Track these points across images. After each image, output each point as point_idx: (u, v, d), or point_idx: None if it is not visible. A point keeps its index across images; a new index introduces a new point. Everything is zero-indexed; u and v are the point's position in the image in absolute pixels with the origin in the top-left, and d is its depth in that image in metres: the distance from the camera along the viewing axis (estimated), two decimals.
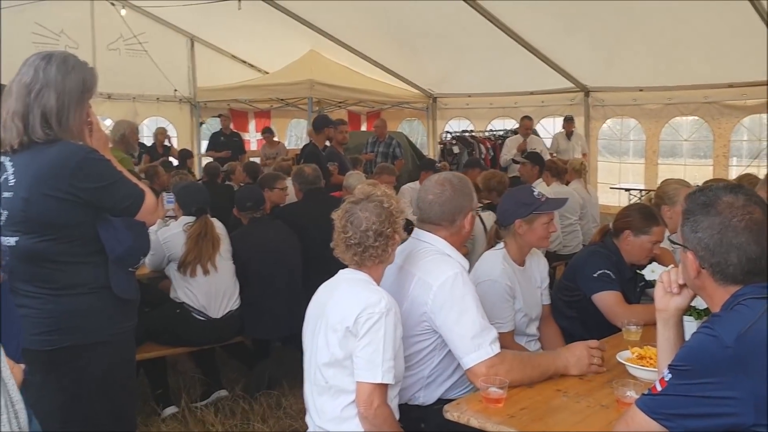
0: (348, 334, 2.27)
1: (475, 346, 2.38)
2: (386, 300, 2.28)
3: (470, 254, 5.39)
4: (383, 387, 2.26)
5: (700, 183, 4.80)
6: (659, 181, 4.95)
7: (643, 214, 3.38)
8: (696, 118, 10.63)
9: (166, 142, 10.53)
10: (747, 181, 4.69)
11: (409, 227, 2.68)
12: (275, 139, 11.58)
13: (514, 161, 9.43)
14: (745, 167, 9.83)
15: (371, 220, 2.33)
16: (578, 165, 7.65)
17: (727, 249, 1.69)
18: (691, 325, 2.48)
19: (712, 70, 9.20)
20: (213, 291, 4.28)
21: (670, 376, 1.66)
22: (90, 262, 2.45)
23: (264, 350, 4.81)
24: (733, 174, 9.49)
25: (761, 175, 5.49)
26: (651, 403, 1.70)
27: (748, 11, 7.44)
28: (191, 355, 4.72)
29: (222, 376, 4.68)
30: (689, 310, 2.68)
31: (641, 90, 10.48)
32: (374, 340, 2.23)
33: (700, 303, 2.67)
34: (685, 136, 11.25)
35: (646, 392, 1.75)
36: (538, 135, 10.84)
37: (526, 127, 10.04)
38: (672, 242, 1.88)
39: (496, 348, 2.40)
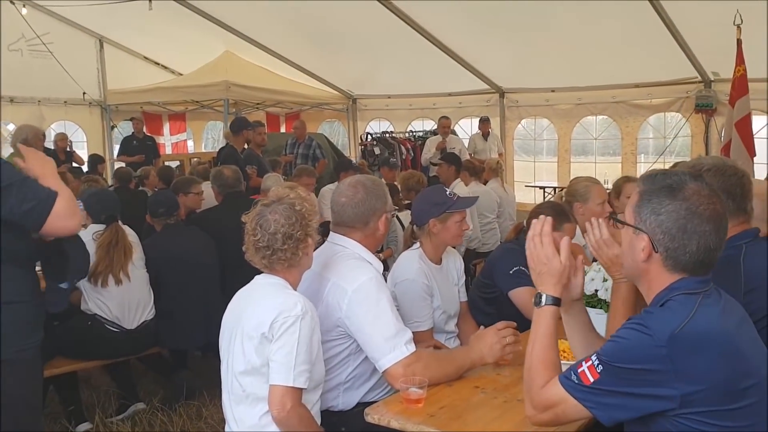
0: (264, 340, 2.24)
1: (391, 347, 2.40)
2: (302, 304, 2.25)
3: (396, 255, 5.41)
4: (296, 390, 2.22)
5: (610, 180, 4.99)
6: (572, 179, 5.11)
7: (555, 212, 3.47)
8: (605, 117, 11.03)
9: (68, 148, 10.06)
10: None
11: (325, 229, 2.67)
12: None
13: (432, 163, 9.56)
14: (651, 164, 10.28)
15: (280, 223, 2.30)
16: (495, 164, 7.82)
17: (690, 236, 1.66)
18: (598, 317, 2.57)
19: (619, 71, 9.58)
20: (126, 301, 4.14)
21: (601, 368, 1.64)
22: None
23: (182, 360, 4.69)
24: (641, 170, 9.90)
25: None
26: (582, 394, 1.67)
27: (651, 15, 7.79)
28: (105, 369, 4.54)
29: (139, 389, 4.54)
30: (596, 303, 2.78)
31: (553, 91, 10.80)
32: (288, 343, 2.20)
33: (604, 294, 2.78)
34: (595, 134, 11.67)
35: (573, 378, 1.69)
36: (456, 135, 11.03)
37: (444, 126, 10.17)
38: (620, 222, 1.82)
39: (412, 347, 2.43)
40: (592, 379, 1.64)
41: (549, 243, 1.89)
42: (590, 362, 1.66)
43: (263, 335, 2.23)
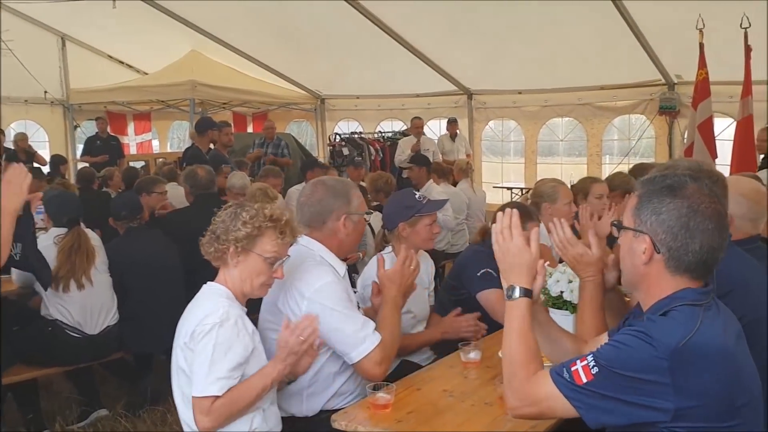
0: (186, 349, 2.23)
1: (361, 339, 2.44)
2: (225, 310, 2.22)
3: (366, 259, 5.38)
4: (209, 399, 2.17)
5: (575, 180, 5.04)
6: (537, 180, 5.15)
7: (520, 212, 3.46)
8: (571, 119, 11.17)
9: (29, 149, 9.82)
10: (619, 180, 4.97)
11: None
12: None
13: (401, 167, 9.55)
14: (616, 165, 10.41)
15: (220, 216, 2.33)
16: (465, 165, 7.87)
17: (693, 234, 1.63)
18: (564, 319, 2.58)
19: (585, 74, 9.70)
20: (89, 306, 4.05)
21: (597, 370, 1.58)
22: None
23: (146, 364, 4.60)
24: (606, 171, 10.03)
25: None
26: (573, 393, 1.61)
27: (617, 18, 7.91)
28: (67, 374, 4.44)
29: (102, 395, 4.44)
30: (562, 304, 2.80)
31: (520, 93, 10.91)
32: (202, 352, 2.18)
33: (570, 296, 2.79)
34: (561, 136, 11.78)
35: (565, 375, 1.63)
36: (426, 135, 11.04)
37: (417, 126, 10.15)
38: (618, 227, 1.78)
39: (378, 335, 2.48)
40: (585, 380, 1.59)
41: (518, 235, 1.85)
42: (585, 362, 1.60)
43: (185, 344, 2.23)
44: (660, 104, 9.60)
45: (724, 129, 8.65)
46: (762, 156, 6.80)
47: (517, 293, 1.81)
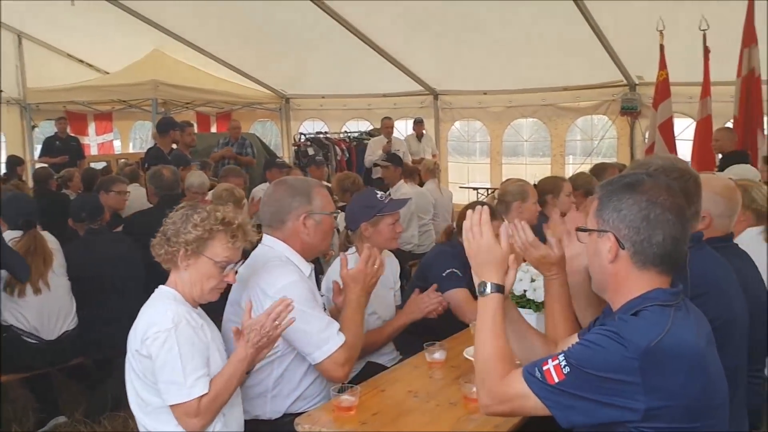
0: (138, 356, 2.19)
1: (324, 339, 2.43)
2: (173, 312, 2.18)
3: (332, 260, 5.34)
4: (195, 401, 2.16)
5: (537, 180, 5.09)
6: (503, 180, 5.18)
7: None
8: (535, 119, 11.28)
9: None
10: (582, 180, 5.03)
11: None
12: None
13: (376, 164, 9.53)
14: (579, 165, 10.55)
15: (172, 218, 2.28)
16: (432, 165, 7.89)
17: (654, 226, 1.65)
18: (527, 318, 2.58)
19: (549, 75, 9.81)
20: (46, 311, 3.95)
21: (568, 369, 1.59)
22: None
23: (107, 369, 4.49)
24: (570, 171, 10.15)
25: None
26: (545, 393, 1.62)
27: (579, 20, 8.01)
28: (23, 381, 4.31)
29: (61, 401, 4.33)
30: (525, 303, 2.81)
31: (485, 93, 11.00)
32: (169, 360, 2.13)
33: (538, 296, 2.80)
34: (525, 136, 11.90)
35: (537, 375, 1.63)
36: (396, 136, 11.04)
37: (387, 126, 10.09)
38: (583, 230, 1.79)
39: (342, 335, 2.47)
40: (557, 379, 1.60)
41: (488, 231, 1.84)
42: (557, 361, 1.61)
43: (137, 351, 2.19)
44: (621, 105, 9.75)
45: (684, 129, 8.82)
46: (720, 156, 6.94)
47: (488, 289, 1.82)
